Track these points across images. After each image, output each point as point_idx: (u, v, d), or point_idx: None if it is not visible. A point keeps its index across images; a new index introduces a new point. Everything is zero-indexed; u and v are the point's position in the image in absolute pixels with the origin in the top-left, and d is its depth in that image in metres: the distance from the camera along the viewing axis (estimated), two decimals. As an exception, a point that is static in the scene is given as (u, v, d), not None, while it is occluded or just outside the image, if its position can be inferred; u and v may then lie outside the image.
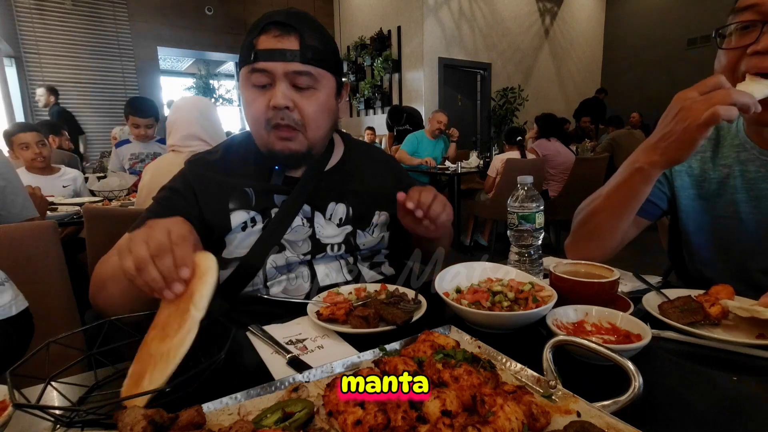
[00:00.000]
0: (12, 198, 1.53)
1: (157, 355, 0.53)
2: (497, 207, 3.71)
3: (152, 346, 0.56)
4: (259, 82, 0.85)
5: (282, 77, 0.83)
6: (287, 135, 0.87)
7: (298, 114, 0.86)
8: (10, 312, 0.93)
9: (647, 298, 0.77)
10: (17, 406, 0.45)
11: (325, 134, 0.94)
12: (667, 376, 0.58)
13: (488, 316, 0.70)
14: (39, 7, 6.19)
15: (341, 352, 0.66)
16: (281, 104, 0.83)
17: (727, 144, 0.94)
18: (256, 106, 0.86)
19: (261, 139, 0.90)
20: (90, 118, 6.70)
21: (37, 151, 2.55)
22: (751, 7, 0.75)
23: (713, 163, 0.95)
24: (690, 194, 0.97)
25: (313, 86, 0.86)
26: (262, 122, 0.87)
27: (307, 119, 0.87)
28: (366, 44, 7.92)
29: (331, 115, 0.93)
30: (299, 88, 0.85)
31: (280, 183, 0.94)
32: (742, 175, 0.90)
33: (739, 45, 0.77)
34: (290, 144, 0.88)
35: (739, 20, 0.77)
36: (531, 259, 0.93)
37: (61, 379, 0.57)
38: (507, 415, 0.41)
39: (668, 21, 8.39)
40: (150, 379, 0.51)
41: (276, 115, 0.85)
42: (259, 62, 0.83)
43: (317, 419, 0.47)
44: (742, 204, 0.90)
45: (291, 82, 0.84)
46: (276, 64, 0.82)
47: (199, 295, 0.55)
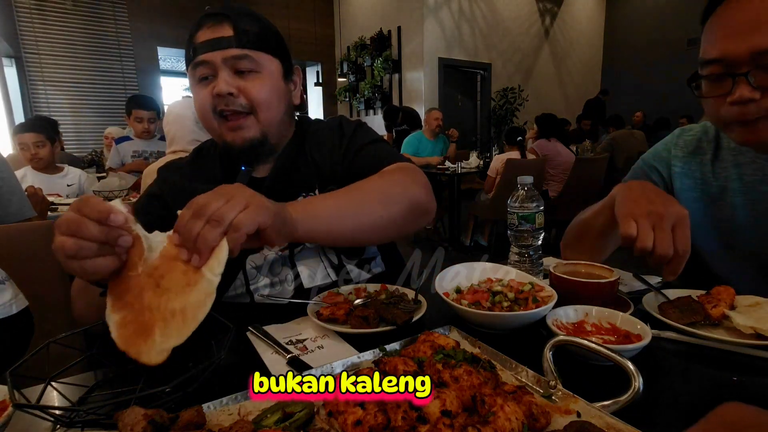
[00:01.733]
0: (8, 198, 1.52)
1: (164, 310, 0.51)
2: (497, 207, 3.71)
3: (146, 295, 0.52)
4: (203, 74, 0.85)
5: (222, 65, 0.83)
6: (237, 124, 0.86)
7: (244, 98, 0.85)
8: (10, 311, 0.93)
9: (647, 298, 0.77)
10: (17, 406, 0.45)
11: (278, 117, 0.91)
12: (667, 376, 0.58)
13: (488, 316, 0.70)
14: (39, 6, 6.18)
15: (341, 352, 0.66)
16: (224, 90, 0.82)
17: (725, 147, 0.94)
18: (201, 98, 0.86)
19: (213, 131, 0.90)
20: (90, 118, 6.69)
21: (33, 152, 2.58)
22: (716, 61, 0.74)
23: (713, 165, 0.95)
24: (691, 196, 0.97)
25: (255, 69, 0.86)
26: (209, 112, 0.86)
27: (254, 102, 0.86)
28: (366, 44, 7.92)
29: (281, 97, 0.91)
30: (241, 73, 0.85)
31: (245, 183, 0.88)
32: (740, 178, 0.90)
33: (715, 94, 0.77)
34: (242, 132, 0.86)
35: (708, 72, 0.77)
36: (531, 259, 0.93)
37: (61, 380, 0.57)
38: (507, 416, 0.41)
39: (668, 21, 8.40)
40: (162, 335, 0.49)
41: (220, 102, 0.84)
42: (198, 55, 0.84)
43: (317, 419, 0.47)
44: (739, 207, 0.90)
45: (232, 68, 0.84)
46: (214, 54, 0.83)
47: (217, 260, 0.53)
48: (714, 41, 0.75)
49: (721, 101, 0.76)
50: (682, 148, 1.00)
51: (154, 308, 0.51)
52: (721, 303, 0.70)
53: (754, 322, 0.65)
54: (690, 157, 0.98)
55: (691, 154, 0.98)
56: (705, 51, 0.77)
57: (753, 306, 0.71)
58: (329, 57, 8.77)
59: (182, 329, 0.49)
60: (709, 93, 0.79)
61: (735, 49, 0.71)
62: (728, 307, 0.70)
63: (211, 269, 0.52)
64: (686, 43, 8.09)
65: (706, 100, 0.80)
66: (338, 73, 8.55)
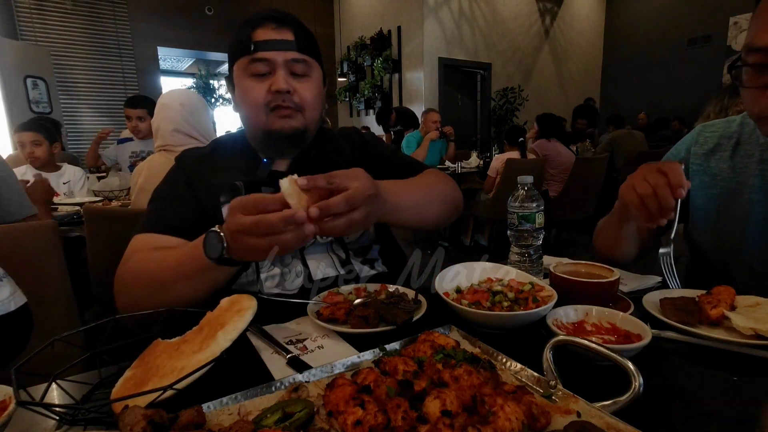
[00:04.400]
0: (8, 197, 1.52)
1: (167, 368, 0.53)
2: (497, 207, 3.71)
3: (161, 358, 0.56)
4: (259, 71, 0.90)
5: (282, 65, 0.90)
6: (287, 113, 0.92)
7: (297, 97, 0.92)
8: (9, 307, 0.93)
9: (647, 298, 0.77)
10: (21, 403, 0.45)
11: (318, 118, 1.00)
12: (667, 376, 0.58)
13: (488, 316, 0.70)
14: (39, 6, 6.18)
15: (341, 352, 0.66)
16: (283, 88, 0.89)
17: (751, 142, 0.92)
18: (256, 92, 0.91)
19: (259, 122, 0.94)
20: (90, 118, 6.70)
21: (29, 150, 2.60)
22: (764, 50, 0.70)
23: (732, 161, 0.93)
24: (706, 194, 0.96)
25: (308, 73, 0.94)
26: (261, 107, 0.91)
27: (304, 103, 0.94)
28: (366, 44, 7.91)
29: (322, 100, 1.00)
30: (296, 75, 0.92)
31: (266, 175, 0.98)
32: (762, 174, 0.88)
33: (757, 85, 0.74)
34: (291, 121, 0.93)
35: (753, 61, 0.73)
36: (531, 259, 0.93)
37: (65, 377, 0.57)
38: (507, 415, 0.41)
39: (668, 21, 8.39)
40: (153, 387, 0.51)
41: (276, 98, 0.90)
42: (259, 52, 0.89)
43: (317, 419, 0.47)
44: (757, 204, 0.88)
45: (289, 69, 0.91)
46: (276, 53, 0.89)
47: (232, 326, 0.56)
48: (764, 27, 0.70)
49: (761, 93, 0.73)
50: (702, 145, 0.99)
51: (160, 366, 0.54)
52: (721, 303, 0.70)
53: (753, 323, 0.65)
54: (709, 154, 0.97)
55: (710, 150, 0.97)
56: (754, 37, 0.72)
57: (753, 306, 0.71)
58: (329, 57, 8.76)
59: (173, 383, 0.49)
60: (751, 82, 0.75)
61: None
62: (728, 307, 0.70)
63: (225, 333, 0.55)
64: (686, 43, 8.09)
65: (746, 89, 0.77)
66: (338, 72, 8.54)
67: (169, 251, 0.81)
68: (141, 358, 0.59)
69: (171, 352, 0.57)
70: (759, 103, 0.74)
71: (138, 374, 0.55)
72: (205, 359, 0.52)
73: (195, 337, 0.58)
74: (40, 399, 0.49)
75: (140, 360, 0.59)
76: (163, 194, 0.97)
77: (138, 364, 0.58)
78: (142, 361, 0.59)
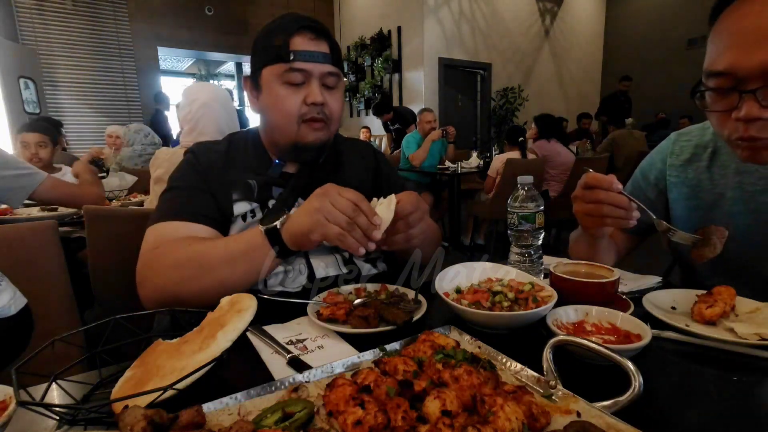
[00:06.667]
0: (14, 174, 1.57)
1: (167, 368, 0.53)
2: (497, 207, 3.71)
3: (161, 358, 0.56)
4: (295, 80, 0.91)
5: (317, 77, 0.92)
6: (319, 126, 0.95)
7: (328, 110, 0.95)
8: (8, 312, 0.93)
9: (647, 298, 0.77)
10: (22, 403, 0.45)
11: (338, 127, 1.03)
12: (667, 376, 0.58)
13: (488, 316, 0.70)
14: (39, 7, 6.19)
15: (341, 352, 0.66)
16: (320, 100, 0.92)
17: (727, 152, 0.91)
18: (290, 102, 0.92)
19: (289, 132, 0.95)
20: (90, 118, 6.70)
21: (33, 151, 2.59)
22: (723, 74, 0.67)
23: (709, 173, 0.92)
24: (687, 205, 0.95)
25: (336, 86, 0.96)
26: (294, 117, 0.93)
27: (333, 114, 0.97)
28: (366, 44, 7.91)
29: (342, 112, 1.02)
30: (327, 87, 0.94)
31: (277, 176, 1.00)
32: (740, 186, 0.87)
33: (720, 109, 0.71)
34: (320, 134, 0.96)
35: (714, 85, 0.70)
36: (531, 259, 0.93)
37: (65, 377, 0.57)
38: (507, 415, 0.41)
39: (668, 21, 8.40)
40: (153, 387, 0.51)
41: (311, 110, 0.92)
42: (297, 62, 0.89)
43: (317, 419, 0.47)
44: (738, 216, 0.87)
45: (322, 81, 0.93)
46: (314, 65, 0.91)
47: (233, 326, 0.56)
48: (722, 50, 0.68)
49: (726, 116, 0.70)
50: (678, 156, 0.98)
51: (161, 367, 0.54)
52: (719, 303, 0.70)
53: (756, 327, 0.65)
54: (686, 164, 0.96)
55: (687, 161, 0.96)
56: (711, 61, 0.70)
57: (753, 312, 0.71)
58: (329, 57, 8.76)
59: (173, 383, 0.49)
60: (714, 107, 0.72)
61: (745, 62, 0.64)
62: (728, 307, 0.70)
63: (225, 333, 0.55)
64: (686, 43, 8.08)
65: (711, 113, 0.74)
66: (338, 72, 8.54)
67: (218, 240, 0.86)
68: (141, 358, 0.60)
69: (171, 352, 0.57)
70: (726, 127, 0.72)
71: (138, 374, 0.56)
72: (206, 359, 0.52)
73: (195, 337, 0.58)
74: (41, 399, 0.49)
75: (140, 360, 0.59)
76: (182, 184, 0.96)
77: (138, 364, 0.59)
78: (142, 361, 0.59)
